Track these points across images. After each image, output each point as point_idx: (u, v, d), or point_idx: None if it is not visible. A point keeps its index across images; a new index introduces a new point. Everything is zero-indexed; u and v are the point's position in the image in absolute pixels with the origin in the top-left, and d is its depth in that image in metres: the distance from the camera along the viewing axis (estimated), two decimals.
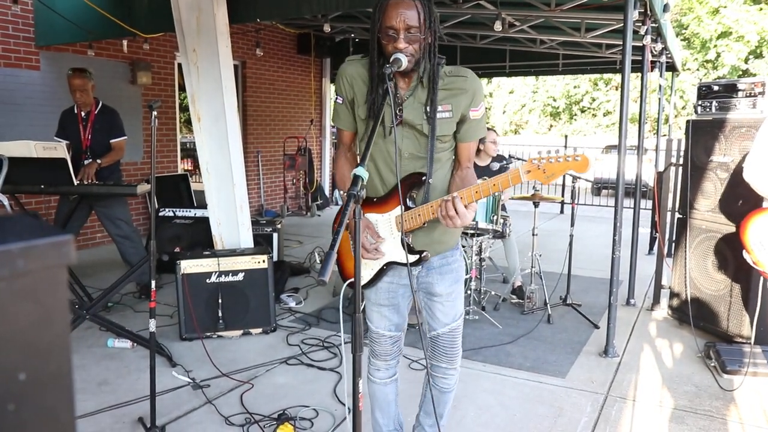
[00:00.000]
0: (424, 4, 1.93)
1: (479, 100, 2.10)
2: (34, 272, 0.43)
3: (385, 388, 2.43)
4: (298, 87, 10.70)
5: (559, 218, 10.08)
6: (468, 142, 2.15)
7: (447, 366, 2.34)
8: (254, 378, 3.62)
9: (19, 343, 0.43)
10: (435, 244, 2.18)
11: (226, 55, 4.56)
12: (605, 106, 23.27)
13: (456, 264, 2.27)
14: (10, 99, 6.32)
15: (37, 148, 4.31)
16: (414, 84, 2.04)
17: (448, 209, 1.88)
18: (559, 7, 5.74)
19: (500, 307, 5.01)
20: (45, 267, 0.44)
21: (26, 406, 0.44)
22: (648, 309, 5.07)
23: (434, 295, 2.25)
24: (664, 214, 5.39)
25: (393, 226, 2.11)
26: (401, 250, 2.08)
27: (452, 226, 1.93)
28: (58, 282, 0.45)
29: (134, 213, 7.53)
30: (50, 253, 0.44)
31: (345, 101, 2.14)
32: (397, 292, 2.26)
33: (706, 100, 4.38)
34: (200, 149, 4.71)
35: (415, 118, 2.05)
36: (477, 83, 2.08)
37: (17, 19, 6.35)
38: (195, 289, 4.16)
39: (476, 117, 2.10)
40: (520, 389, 3.53)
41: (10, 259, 0.41)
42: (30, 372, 0.44)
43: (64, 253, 0.44)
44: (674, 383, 3.62)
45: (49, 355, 0.45)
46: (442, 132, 2.06)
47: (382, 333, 2.31)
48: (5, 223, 0.45)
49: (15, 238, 0.42)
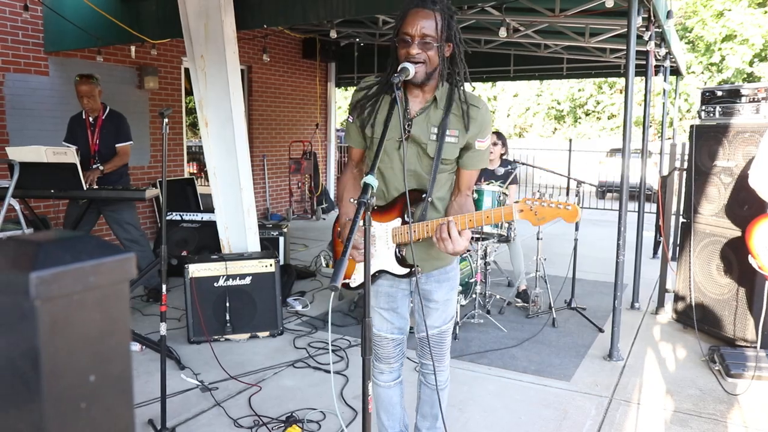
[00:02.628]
0: (444, 16, 1.99)
1: (486, 133, 2.15)
2: (102, 287, 0.48)
3: (390, 391, 2.47)
4: (303, 91, 10.75)
5: (563, 222, 10.09)
6: (470, 170, 2.20)
7: (437, 364, 2.40)
8: (262, 381, 3.66)
9: (89, 348, 0.48)
10: (434, 260, 2.25)
11: (233, 61, 4.61)
12: (609, 109, 23.28)
13: (453, 273, 2.35)
14: (20, 104, 6.39)
15: (48, 153, 4.37)
16: (428, 104, 2.10)
17: (442, 231, 1.95)
18: (563, 13, 5.78)
19: (505, 310, 5.04)
20: (111, 282, 0.48)
21: (95, 405, 0.49)
22: (652, 313, 5.09)
23: (431, 302, 2.32)
24: (668, 218, 5.42)
25: (389, 237, 2.17)
26: (394, 261, 2.17)
27: (444, 250, 1.98)
28: (121, 295, 0.50)
29: (141, 217, 7.58)
30: (116, 270, 0.49)
31: (355, 120, 2.21)
32: (396, 297, 2.32)
33: (710, 105, 4.41)
34: (208, 154, 4.76)
35: (422, 137, 2.09)
36: (488, 117, 2.15)
37: (27, 26, 6.43)
38: (203, 293, 4.21)
39: (481, 148, 2.15)
40: (525, 392, 3.56)
41: (83, 275, 0.46)
42: (98, 374, 0.49)
43: (127, 269, 0.49)
44: (678, 387, 3.64)
45: (114, 360, 0.50)
46: (446, 155, 2.11)
47: (384, 336, 2.36)
48: (75, 242, 0.49)
49: (86, 256, 0.47)
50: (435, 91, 2.09)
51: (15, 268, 0.46)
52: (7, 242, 0.49)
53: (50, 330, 0.46)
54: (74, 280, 0.48)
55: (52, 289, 0.47)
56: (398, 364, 2.44)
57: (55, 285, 0.47)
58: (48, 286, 0.47)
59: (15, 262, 0.46)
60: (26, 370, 0.46)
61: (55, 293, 0.47)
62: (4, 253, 0.48)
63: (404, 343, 2.44)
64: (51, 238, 0.49)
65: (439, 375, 2.40)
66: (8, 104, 6.29)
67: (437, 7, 1.98)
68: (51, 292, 0.47)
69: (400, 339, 2.39)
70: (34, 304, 0.46)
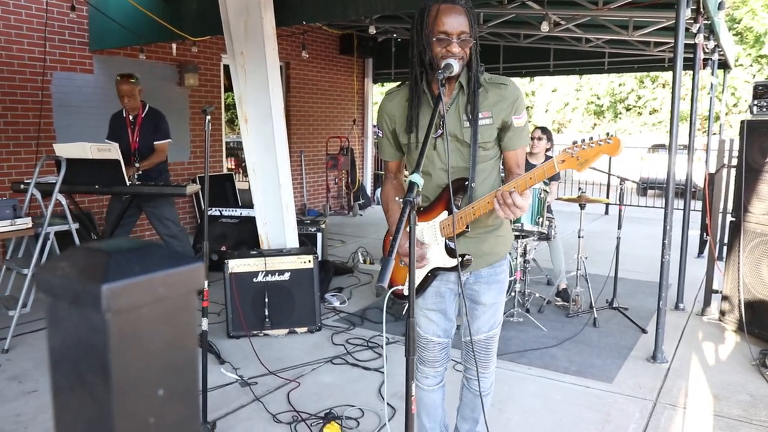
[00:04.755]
0: (470, 10, 1.98)
1: (521, 108, 2.10)
2: (171, 298, 0.46)
3: (433, 395, 2.44)
4: (340, 87, 10.78)
5: (604, 219, 9.90)
6: (513, 150, 2.15)
7: (481, 370, 2.35)
8: (300, 376, 3.67)
9: (158, 362, 0.47)
10: (486, 255, 2.21)
11: (273, 57, 4.63)
12: (651, 104, 22.71)
13: (502, 275, 2.29)
14: (66, 102, 6.56)
15: (92, 150, 4.47)
16: (455, 93, 2.08)
17: (505, 197, 1.89)
18: (606, 6, 5.64)
19: (545, 309, 4.96)
20: (179, 293, 0.47)
21: (163, 419, 0.47)
22: (698, 314, 4.94)
23: (479, 304, 2.28)
24: (715, 217, 5.25)
25: (437, 232, 2.14)
26: (445, 255, 2.13)
27: (507, 215, 1.92)
28: (188, 306, 0.49)
29: (180, 212, 7.71)
30: (184, 280, 0.47)
31: (386, 134, 2.22)
32: (444, 297, 2.28)
33: (763, 99, 4.25)
34: (247, 150, 4.79)
35: (455, 128, 2.07)
36: (517, 91, 2.10)
37: (73, 25, 6.58)
38: (242, 288, 4.25)
39: (520, 125, 2.10)
40: (566, 393, 3.49)
41: (153, 286, 0.45)
42: (166, 388, 0.48)
43: (196, 279, 0.48)
44: (727, 391, 3.52)
45: (181, 373, 0.49)
46: (483, 139, 2.07)
47: (430, 338, 2.32)
48: (144, 252, 0.48)
49: (156, 267, 0.45)
50: (460, 79, 2.06)
51: (86, 279, 0.45)
52: (77, 251, 0.47)
53: (120, 343, 0.45)
54: (144, 291, 0.46)
55: (122, 302, 0.46)
56: (443, 368, 2.41)
57: (125, 297, 0.46)
58: (119, 299, 0.46)
59: (85, 272, 0.45)
60: (95, 384, 0.45)
61: (126, 305, 0.46)
62: (74, 262, 0.46)
63: (449, 347, 2.40)
64: (120, 248, 0.47)
65: (483, 381, 2.35)
66: (55, 102, 6.46)
67: (463, 2, 1.97)
68: (121, 304, 0.46)
69: (446, 342, 2.35)
70: (105, 317, 0.45)
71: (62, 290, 0.46)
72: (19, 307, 3.99)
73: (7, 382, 3.54)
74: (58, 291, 0.46)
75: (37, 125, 6.14)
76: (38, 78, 6.22)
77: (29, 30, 6.19)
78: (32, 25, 6.20)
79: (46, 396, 3.36)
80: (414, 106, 2.08)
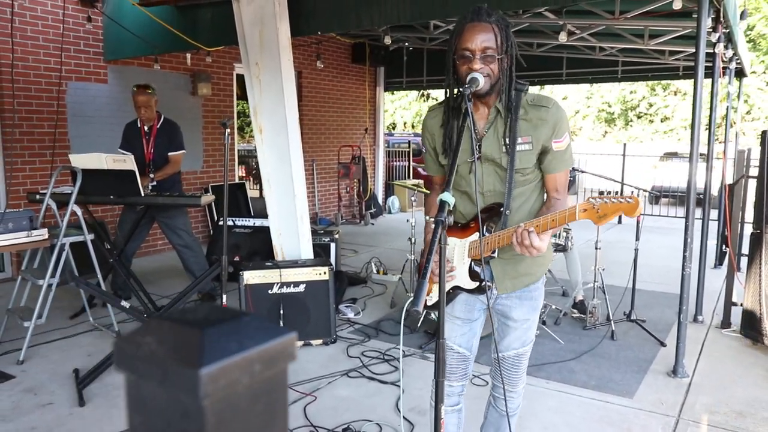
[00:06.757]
0: (501, 27, 1.94)
1: (562, 131, 2.04)
2: (267, 375, 0.42)
3: (446, 417, 2.26)
4: (352, 96, 10.78)
5: (617, 228, 9.82)
6: (552, 174, 2.10)
7: (509, 388, 2.28)
8: (317, 390, 3.63)
9: None
10: (522, 277, 2.17)
11: (288, 68, 4.62)
12: (663, 111, 22.58)
13: (537, 293, 2.23)
14: (81, 111, 6.59)
15: (108, 161, 4.46)
16: (492, 116, 2.04)
17: (522, 237, 1.88)
18: (623, 15, 5.60)
19: (561, 321, 4.90)
20: (275, 369, 0.43)
21: None
22: (717, 327, 4.86)
23: (510, 319, 2.21)
24: (735, 228, 5.17)
25: (465, 252, 2.11)
26: (467, 277, 2.12)
27: (524, 253, 1.92)
28: (282, 382, 0.45)
29: (193, 221, 7.71)
30: (280, 354, 0.43)
31: (428, 150, 2.24)
32: (474, 307, 2.22)
33: None
34: (262, 161, 4.78)
35: (494, 152, 2.04)
36: (560, 113, 2.04)
37: (88, 35, 6.62)
38: (257, 300, 4.22)
39: (560, 148, 2.05)
40: (586, 408, 3.44)
41: (249, 365, 0.41)
42: None
43: (290, 352, 0.44)
44: (752, 408, 3.45)
45: None
46: (521, 165, 2.03)
47: (451, 345, 2.22)
48: (238, 325, 0.44)
49: (251, 342, 0.42)
50: (497, 103, 2.03)
51: (179, 360, 0.41)
52: (161, 325, 0.44)
53: (215, 429, 0.41)
54: (242, 371, 0.43)
55: (220, 385, 0.42)
56: (460, 385, 2.29)
57: (223, 380, 0.42)
58: (217, 383, 0.42)
59: (177, 352, 0.41)
60: None
61: (223, 389, 0.42)
62: (161, 338, 0.43)
63: (470, 364, 2.29)
64: (211, 320, 0.44)
65: (510, 401, 2.28)
66: (70, 112, 6.49)
67: (492, 19, 1.94)
68: (219, 388, 0.42)
69: (467, 355, 2.25)
70: (202, 403, 0.41)
71: (148, 369, 0.42)
72: (35, 319, 3.98)
73: (23, 394, 3.52)
74: (143, 370, 0.42)
75: (53, 135, 6.16)
76: (54, 88, 6.25)
77: (45, 40, 6.22)
78: (48, 35, 6.23)
79: (61, 409, 3.34)
80: (448, 129, 2.07)
